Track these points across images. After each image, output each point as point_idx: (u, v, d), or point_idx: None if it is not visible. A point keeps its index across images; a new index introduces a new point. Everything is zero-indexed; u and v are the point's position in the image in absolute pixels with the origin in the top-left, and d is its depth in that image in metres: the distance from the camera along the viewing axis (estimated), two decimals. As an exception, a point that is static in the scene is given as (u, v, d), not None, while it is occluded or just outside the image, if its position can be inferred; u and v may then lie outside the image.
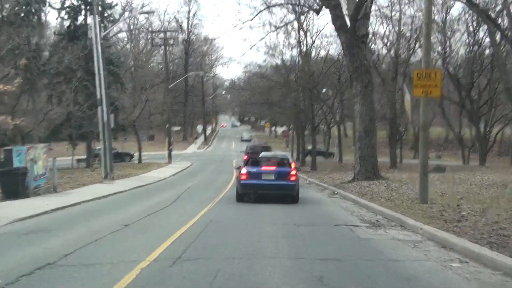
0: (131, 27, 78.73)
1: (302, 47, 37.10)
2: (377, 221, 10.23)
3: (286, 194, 13.89)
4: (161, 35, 45.66)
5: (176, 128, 63.52)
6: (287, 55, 54.34)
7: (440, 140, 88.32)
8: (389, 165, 35.13)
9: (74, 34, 37.34)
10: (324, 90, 43.25)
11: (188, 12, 78.23)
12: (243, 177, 13.82)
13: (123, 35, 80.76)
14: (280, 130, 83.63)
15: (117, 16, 74.03)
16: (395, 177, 22.28)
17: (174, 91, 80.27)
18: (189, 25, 79.25)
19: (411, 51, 37.70)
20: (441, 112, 47.00)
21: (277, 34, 40.85)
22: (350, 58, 20.36)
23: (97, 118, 24.93)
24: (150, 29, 55.56)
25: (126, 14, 45.61)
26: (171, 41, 46.71)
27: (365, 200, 13.98)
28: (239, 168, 15.30)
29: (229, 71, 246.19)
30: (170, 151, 42.96)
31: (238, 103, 62.95)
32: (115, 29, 39.96)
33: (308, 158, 38.63)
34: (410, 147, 69.39)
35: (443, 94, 42.71)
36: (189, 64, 79.78)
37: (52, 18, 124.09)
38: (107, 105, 23.72)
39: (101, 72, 23.39)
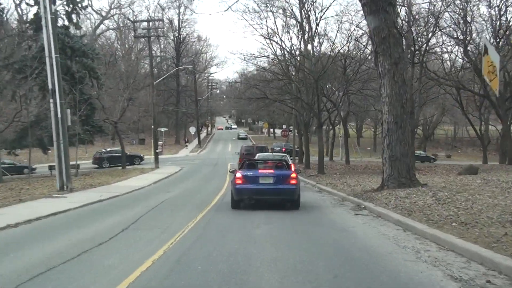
0: (120, 25, 73.97)
1: (304, 28, 32.11)
2: (488, 281, 5.17)
3: (286, 200, 12.75)
4: (146, 27, 40.54)
5: (164, 129, 58.58)
6: (287, 44, 49.48)
7: (448, 139, 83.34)
8: (409, 166, 30.12)
9: (41, 23, 32.21)
10: (328, 85, 38.36)
11: (179, 7, 73.13)
12: (238, 181, 12.53)
13: (110, 33, 76.08)
14: (278, 131, 79.39)
15: (103, 14, 69.22)
16: (428, 182, 17.32)
17: (166, 92, 75.46)
18: (180, 21, 74.18)
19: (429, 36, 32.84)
20: (460, 106, 42.13)
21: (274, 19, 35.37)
22: (374, 27, 15.31)
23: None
24: (133, 18, 50.46)
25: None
26: (157, 32, 41.78)
27: (421, 224, 8.89)
28: (234, 172, 13.65)
29: (225, 73, 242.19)
30: (157, 154, 37.85)
31: (233, 100, 58.45)
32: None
33: (314, 161, 33.56)
34: (417, 146, 64.46)
35: (462, 84, 37.88)
36: (181, 63, 74.82)
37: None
38: (61, 97, 18.56)
39: (53, 54, 18.38)
